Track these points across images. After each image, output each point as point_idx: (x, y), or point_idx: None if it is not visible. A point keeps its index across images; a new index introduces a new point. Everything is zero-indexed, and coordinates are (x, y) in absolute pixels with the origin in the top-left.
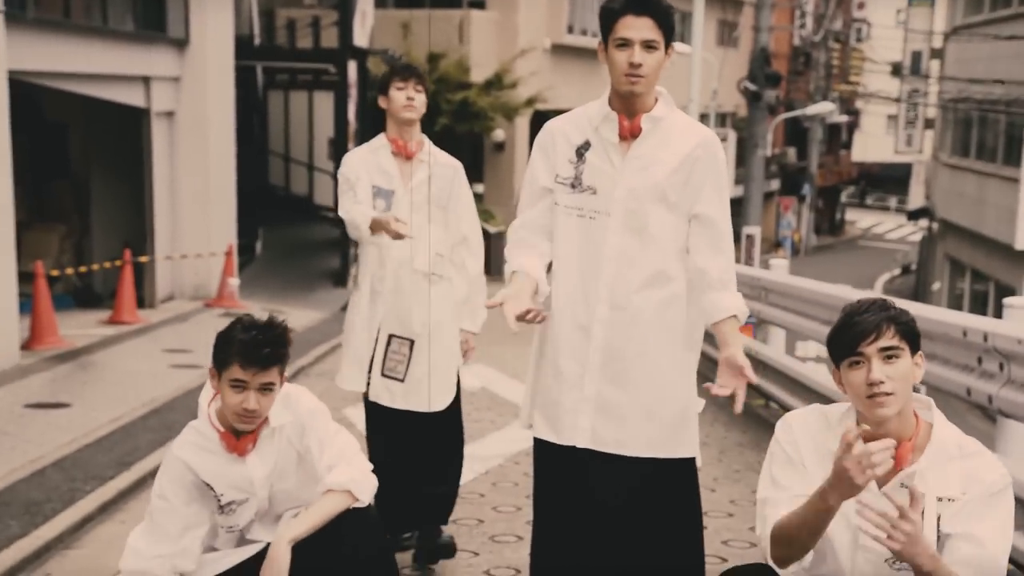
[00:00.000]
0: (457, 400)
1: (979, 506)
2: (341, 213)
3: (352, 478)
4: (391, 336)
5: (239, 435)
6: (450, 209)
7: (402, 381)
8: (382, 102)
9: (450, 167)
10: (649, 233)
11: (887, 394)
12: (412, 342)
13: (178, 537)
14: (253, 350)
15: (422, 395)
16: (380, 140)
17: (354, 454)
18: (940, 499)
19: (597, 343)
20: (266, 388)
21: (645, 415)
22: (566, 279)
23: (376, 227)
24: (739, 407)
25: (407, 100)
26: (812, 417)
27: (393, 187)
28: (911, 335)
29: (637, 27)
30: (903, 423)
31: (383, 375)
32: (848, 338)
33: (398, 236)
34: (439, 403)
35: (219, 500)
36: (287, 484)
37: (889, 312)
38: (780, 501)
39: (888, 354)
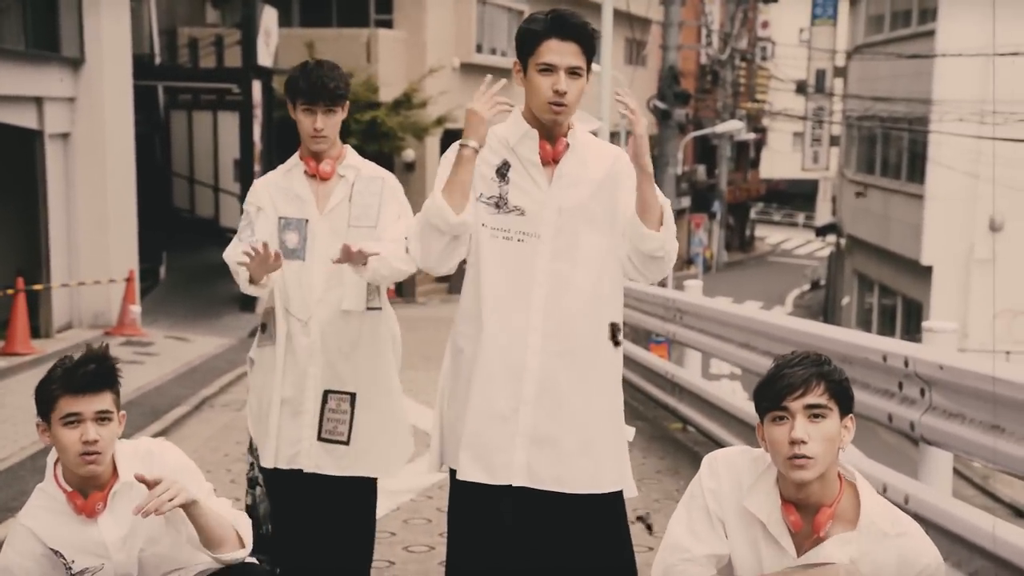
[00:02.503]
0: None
1: None
2: (225, 257)
3: (236, 517)
4: (327, 392)
5: (87, 494)
6: (380, 227)
7: (346, 443)
8: (291, 113)
9: (378, 179)
10: (581, 256)
11: (807, 457)
12: (353, 396)
13: None
14: (76, 373)
15: (373, 455)
16: (293, 159)
17: (231, 510)
18: None
19: (532, 374)
20: (102, 417)
21: (582, 449)
22: (494, 307)
23: (253, 269)
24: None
25: (314, 131)
26: (742, 462)
27: (306, 215)
28: (842, 395)
29: (562, 52)
30: (825, 487)
31: (321, 439)
32: (774, 391)
33: (275, 264)
34: (396, 465)
35: (70, 569)
36: (159, 548)
37: (821, 368)
38: (694, 557)
39: (814, 412)
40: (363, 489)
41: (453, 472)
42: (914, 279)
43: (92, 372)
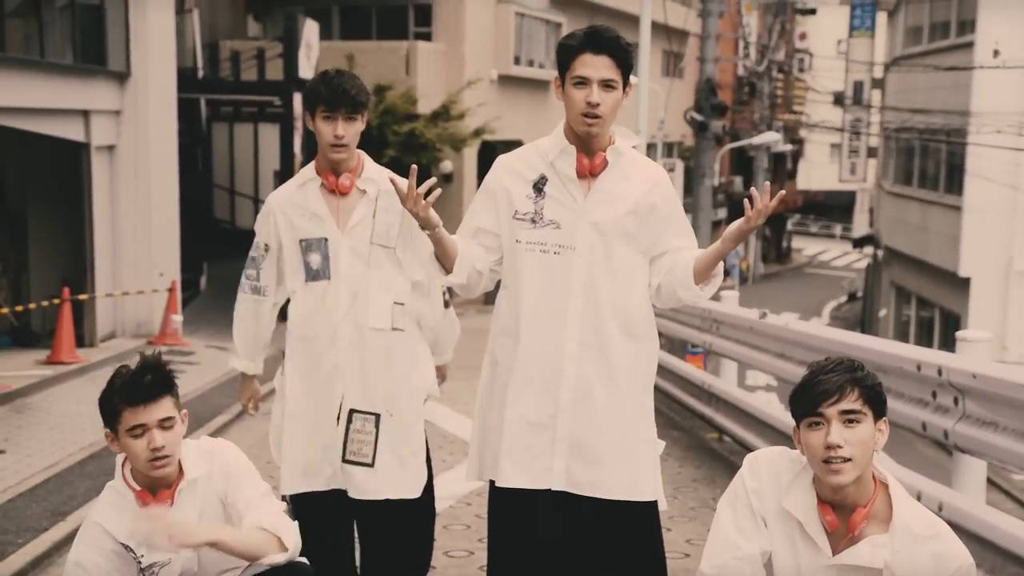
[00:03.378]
0: (429, 474)
1: None
2: (237, 306)
3: (280, 523)
4: (352, 412)
5: (155, 492)
6: (403, 247)
7: (371, 465)
8: (309, 123)
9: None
10: (614, 268)
11: (844, 460)
12: (378, 416)
13: None
14: (134, 386)
15: (398, 478)
16: (309, 171)
17: (281, 514)
18: None
19: (569, 382)
20: (166, 424)
21: (619, 456)
22: (531, 317)
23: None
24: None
25: (335, 138)
26: (782, 463)
27: (325, 233)
28: (876, 400)
29: (595, 65)
30: (861, 488)
31: (346, 461)
32: (809, 397)
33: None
34: (416, 488)
35: (139, 563)
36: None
37: (855, 374)
38: (748, 557)
39: (849, 418)
40: (418, 504)
41: (492, 482)
42: (952, 291)
43: (150, 382)
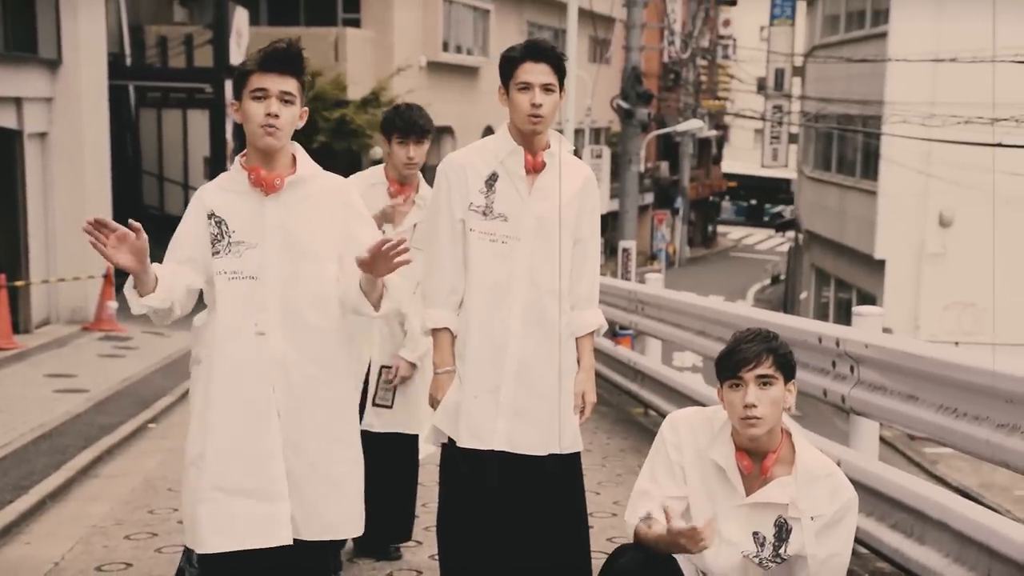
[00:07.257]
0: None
1: (837, 522)
2: None
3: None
4: (382, 367)
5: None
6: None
7: (390, 407)
8: (384, 146)
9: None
10: (554, 254)
11: (757, 417)
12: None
13: (186, 259)
14: (270, 52)
15: (409, 417)
16: (379, 175)
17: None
18: (813, 518)
19: (512, 355)
20: (286, 98)
21: (551, 418)
22: (479, 298)
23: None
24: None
25: (408, 159)
26: (697, 420)
27: (383, 229)
28: (787, 366)
29: (536, 72)
30: (771, 438)
31: (374, 405)
32: (731, 363)
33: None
34: (417, 427)
35: (229, 237)
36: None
37: (770, 344)
38: (654, 497)
39: (763, 381)
40: (408, 446)
41: (443, 443)
42: (868, 273)
43: (284, 52)
